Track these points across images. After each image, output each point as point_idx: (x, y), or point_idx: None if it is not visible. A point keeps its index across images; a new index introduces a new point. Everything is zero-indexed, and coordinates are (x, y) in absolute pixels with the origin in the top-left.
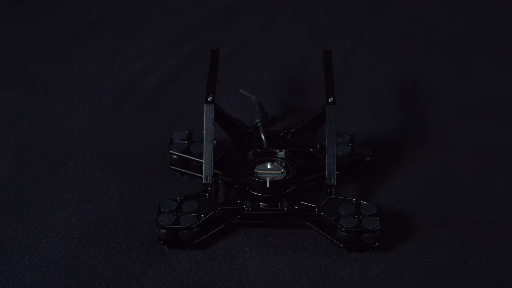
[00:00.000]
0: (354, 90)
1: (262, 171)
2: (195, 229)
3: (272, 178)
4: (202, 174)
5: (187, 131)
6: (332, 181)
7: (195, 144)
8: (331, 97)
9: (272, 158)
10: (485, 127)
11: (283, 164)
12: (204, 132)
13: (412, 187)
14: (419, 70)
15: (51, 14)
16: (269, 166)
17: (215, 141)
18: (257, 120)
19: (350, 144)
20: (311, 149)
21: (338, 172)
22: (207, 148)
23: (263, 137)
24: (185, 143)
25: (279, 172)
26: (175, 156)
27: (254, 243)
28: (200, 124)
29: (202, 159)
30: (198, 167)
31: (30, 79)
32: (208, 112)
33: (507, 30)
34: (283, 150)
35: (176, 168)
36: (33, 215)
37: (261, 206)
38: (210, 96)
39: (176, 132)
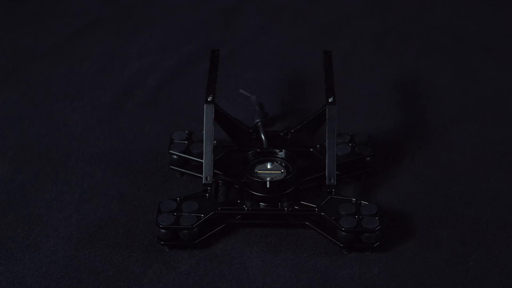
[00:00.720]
0: (354, 90)
1: (262, 171)
2: (195, 229)
3: (272, 178)
4: (202, 174)
5: (187, 131)
6: (332, 181)
7: (195, 144)
8: (331, 97)
9: (272, 158)
10: (485, 127)
11: (283, 164)
12: (204, 132)
13: (412, 187)
14: (419, 70)
15: (51, 14)
16: (269, 166)
17: (215, 141)
18: (257, 120)
19: (350, 144)
20: (311, 149)
21: (338, 172)
22: (207, 148)
23: (263, 137)
24: (185, 143)
25: (279, 172)
26: (175, 156)
27: (254, 243)
28: (200, 124)
29: (202, 159)
30: (198, 167)
31: (30, 79)
32: (208, 112)
33: (507, 30)
34: (283, 150)
35: (176, 168)
36: (33, 215)
37: (261, 206)
38: (210, 96)
39: (176, 132)
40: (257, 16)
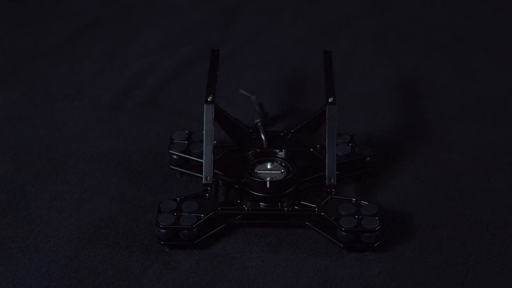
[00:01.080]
0: (354, 90)
1: (262, 171)
2: (195, 229)
3: (272, 178)
4: (202, 174)
5: (187, 131)
6: (332, 181)
7: (195, 144)
8: (331, 97)
9: (272, 158)
10: (485, 127)
11: (283, 164)
12: (204, 132)
13: (412, 187)
14: (419, 70)
15: (51, 14)
16: (269, 166)
17: (215, 141)
18: (257, 120)
19: (350, 144)
20: (311, 149)
21: (338, 172)
22: (207, 148)
23: (263, 137)
24: (185, 143)
25: (279, 172)
26: (175, 156)
27: (254, 243)
28: (200, 124)
29: (202, 159)
30: (198, 167)
31: (30, 79)
32: (208, 112)
33: (507, 30)
34: (283, 150)
35: (176, 168)
36: (33, 215)
37: (261, 206)
38: (210, 96)
39: (176, 132)
40: (257, 16)
